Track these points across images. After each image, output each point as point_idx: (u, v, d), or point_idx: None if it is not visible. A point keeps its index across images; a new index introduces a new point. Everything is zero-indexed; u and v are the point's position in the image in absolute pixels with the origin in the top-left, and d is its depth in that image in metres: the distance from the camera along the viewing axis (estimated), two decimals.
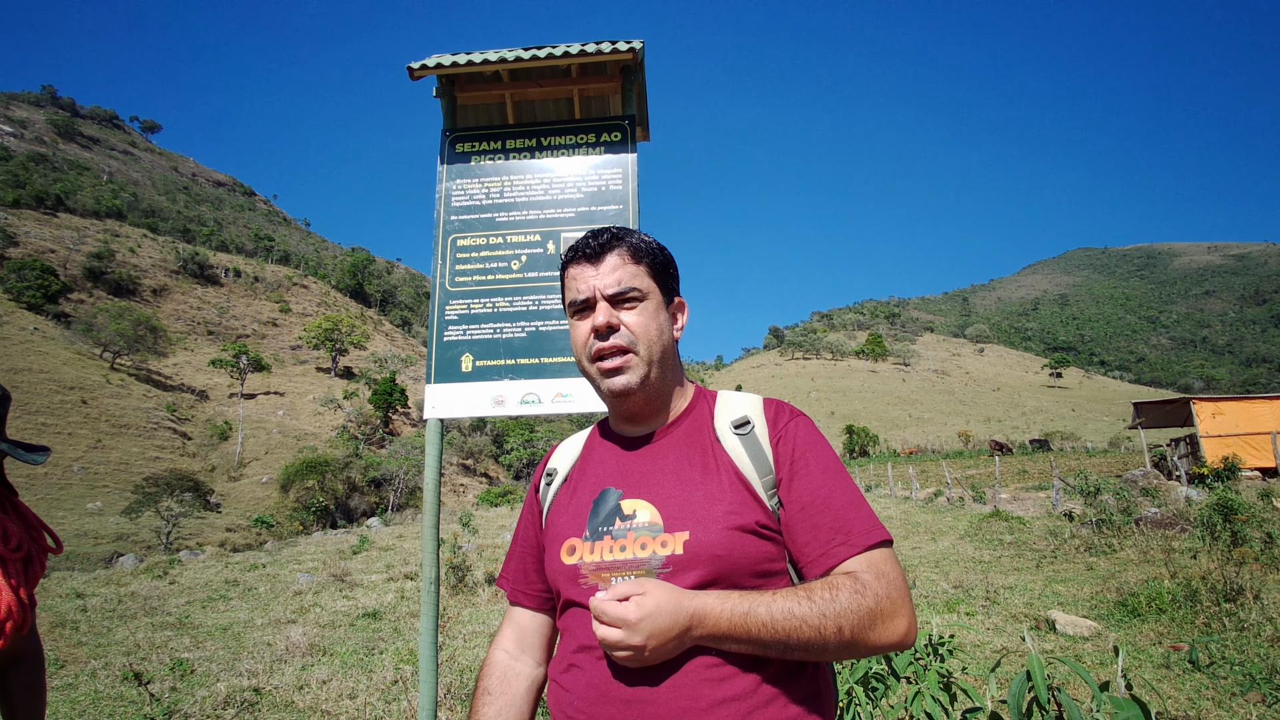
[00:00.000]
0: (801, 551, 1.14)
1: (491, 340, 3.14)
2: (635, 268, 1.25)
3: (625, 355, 1.21)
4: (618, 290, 1.22)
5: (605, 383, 1.22)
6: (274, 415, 70.78)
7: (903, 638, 1.06)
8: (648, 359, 1.22)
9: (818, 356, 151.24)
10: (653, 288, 1.26)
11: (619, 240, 1.26)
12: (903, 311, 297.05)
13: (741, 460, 1.19)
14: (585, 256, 1.25)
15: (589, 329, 1.22)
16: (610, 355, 1.21)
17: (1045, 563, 9.47)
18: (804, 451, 1.19)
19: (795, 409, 1.27)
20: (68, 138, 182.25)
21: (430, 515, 2.99)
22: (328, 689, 5.45)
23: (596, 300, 1.23)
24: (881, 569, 1.08)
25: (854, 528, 1.12)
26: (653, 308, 1.25)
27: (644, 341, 1.22)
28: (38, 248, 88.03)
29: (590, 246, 1.25)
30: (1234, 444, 18.53)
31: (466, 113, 3.64)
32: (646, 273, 1.26)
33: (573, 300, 1.25)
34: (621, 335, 1.21)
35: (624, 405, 1.25)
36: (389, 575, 12.36)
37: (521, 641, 1.35)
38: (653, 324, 1.23)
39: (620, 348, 1.20)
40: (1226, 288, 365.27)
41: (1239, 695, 4.33)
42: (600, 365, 1.22)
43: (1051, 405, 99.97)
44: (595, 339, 1.22)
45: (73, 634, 8.21)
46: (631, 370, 1.21)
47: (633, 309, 1.23)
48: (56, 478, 41.48)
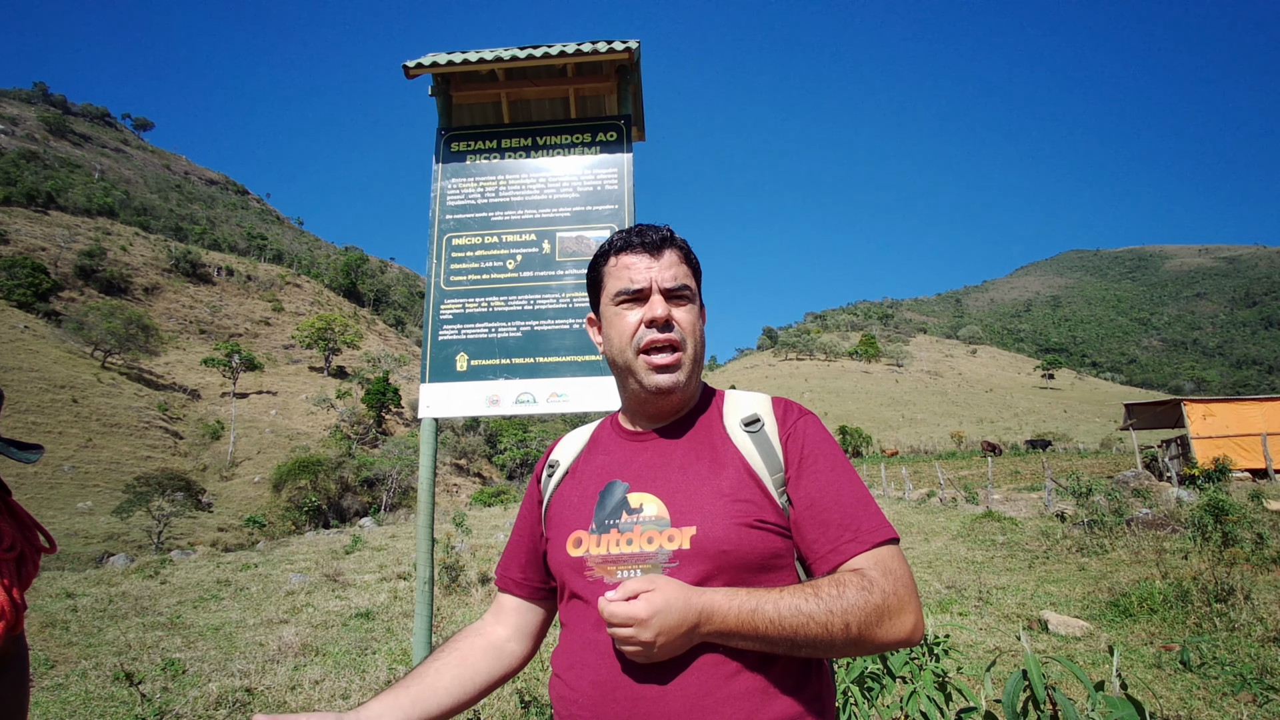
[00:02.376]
0: (810, 548, 1.14)
1: (486, 339, 3.13)
2: (685, 268, 1.27)
3: (676, 353, 1.21)
4: (674, 285, 1.23)
5: (653, 378, 1.21)
6: (266, 415, 70.52)
7: (910, 634, 1.06)
8: (693, 358, 1.23)
9: (811, 357, 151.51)
10: (696, 292, 1.28)
11: (674, 240, 1.28)
12: (896, 312, 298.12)
13: (752, 457, 1.19)
14: (645, 247, 1.24)
15: (639, 320, 1.21)
16: (663, 350, 1.20)
17: (1038, 563, 9.50)
18: (813, 449, 1.19)
19: (804, 408, 1.27)
20: (59, 135, 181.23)
21: (424, 515, 2.98)
22: (320, 689, 5.43)
23: (652, 292, 1.22)
24: (889, 566, 1.08)
25: (862, 525, 1.12)
26: (696, 309, 1.27)
27: (691, 340, 1.23)
28: (28, 246, 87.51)
29: (651, 239, 1.25)
30: (1224, 445, 18.62)
31: (462, 112, 3.63)
32: (691, 275, 1.28)
33: (623, 289, 1.23)
34: (676, 331, 1.21)
35: (660, 402, 1.25)
36: (382, 575, 12.31)
37: (498, 617, 1.36)
38: (699, 324, 1.26)
39: (674, 343, 1.20)
40: (1217, 290, 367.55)
41: (1230, 695, 4.35)
42: (651, 359, 1.21)
43: (1043, 406, 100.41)
44: (649, 330, 1.21)
45: (63, 634, 8.16)
46: (681, 369, 1.21)
47: (683, 306, 1.24)
48: (47, 477, 41.25)
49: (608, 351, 1.27)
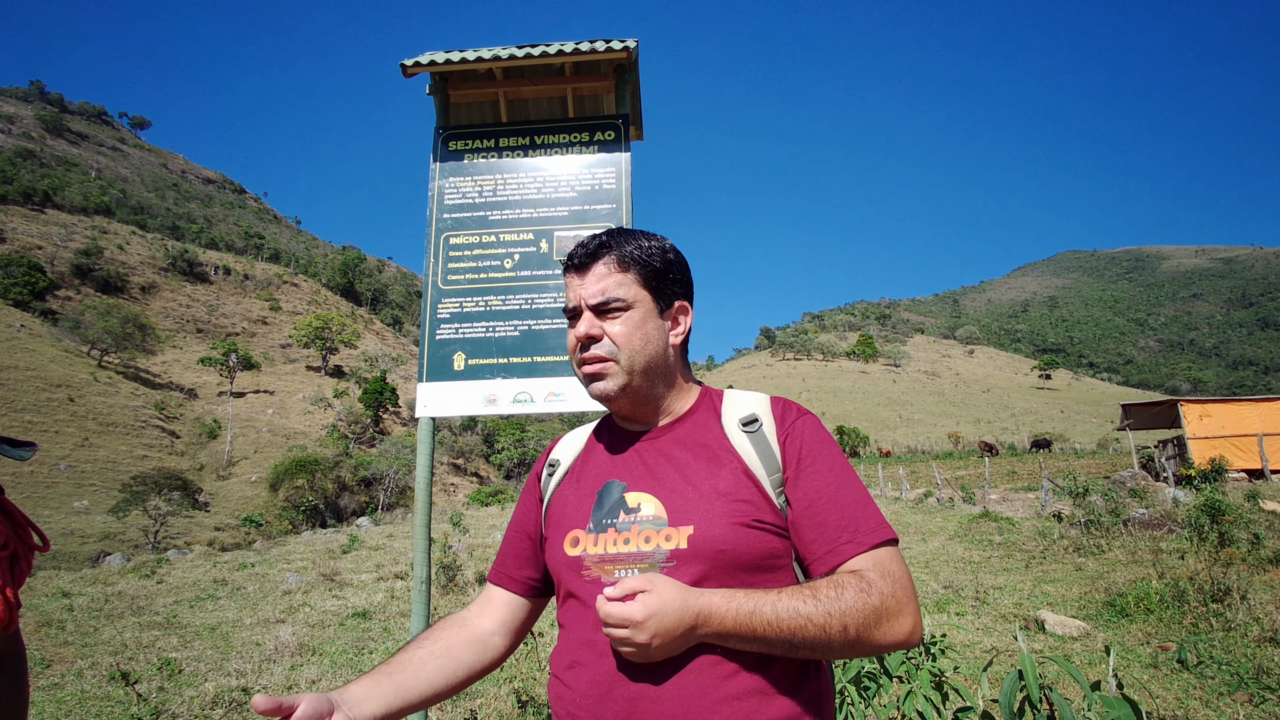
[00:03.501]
0: (808, 549, 1.14)
1: (484, 339, 3.13)
2: (622, 276, 1.25)
3: (604, 363, 1.22)
4: (600, 301, 1.23)
5: (587, 388, 1.26)
6: (263, 414, 70.43)
7: (908, 636, 1.06)
8: (629, 368, 1.22)
9: (809, 357, 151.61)
10: (641, 296, 1.25)
11: (607, 249, 1.26)
12: (893, 313, 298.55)
13: (750, 457, 1.19)
14: (573, 266, 1.28)
15: (575, 337, 1.25)
16: (590, 363, 1.23)
17: (1034, 563, 9.52)
18: (811, 449, 1.19)
19: (802, 408, 1.27)
20: (56, 134, 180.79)
21: (422, 514, 2.98)
22: (317, 689, 5.41)
23: (582, 310, 1.25)
24: (887, 567, 1.08)
25: (860, 525, 1.12)
26: (638, 317, 1.24)
27: (626, 351, 1.22)
28: (25, 244, 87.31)
29: (577, 256, 1.27)
30: (1221, 446, 18.66)
31: (460, 111, 3.62)
32: (636, 280, 1.25)
33: (565, 308, 1.28)
34: (602, 345, 1.22)
35: (610, 407, 1.30)
36: (379, 575, 12.30)
37: (484, 609, 1.36)
38: (637, 333, 1.23)
39: (599, 357, 1.22)
40: (1214, 291, 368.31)
41: (1226, 695, 4.36)
42: (582, 371, 1.25)
43: (1040, 407, 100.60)
44: (579, 348, 1.25)
45: (59, 633, 8.14)
46: (610, 378, 1.22)
47: (616, 319, 1.23)
48: (43, 476, 41.17)
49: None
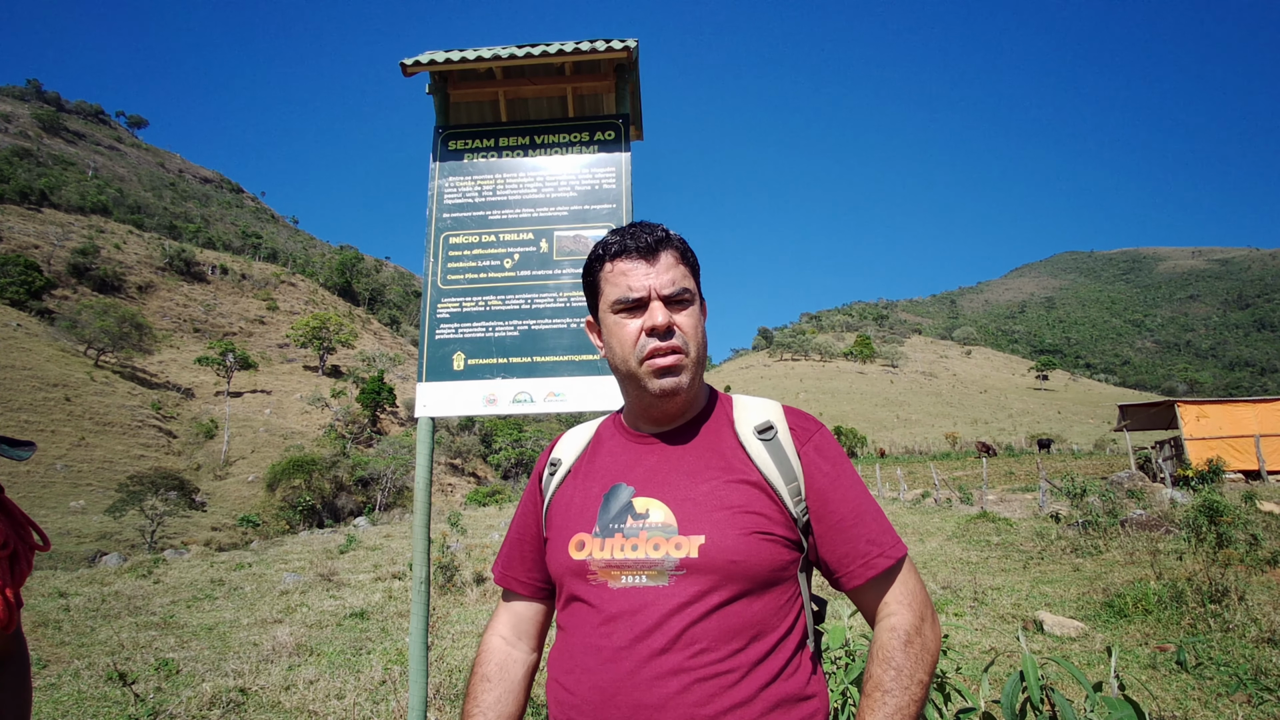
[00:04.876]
0: (841, 563, 1.18)
1: (483, 339, 3.12)
2: (684, 269, 1.24)
3: (680, 355, 1.19)
4: (673, 291, 1.20)
5: (656, 383, 1.19)
6: (260, 414, 70.28)
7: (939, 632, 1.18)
8: (696, 361, 1.21)
9: (806, 358, 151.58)
10: (695, 291, 1.25)
11: (670, 240, 1.24)
12: (891, 313, 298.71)
13: (766, 465, 1.19)
14: (640, 252, 1.21)
15: (640, 328, 1.19)
16: (665, 353, 1.18)
17: (1032, 564, 9.53)
18: (834, 465, 1.21)
19: (816, 419, 1.28)
20: (52, 132, 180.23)
21: (421, 514, 2.97)
22: (315, 689, 5.41)
23: (651, 299, 1.19)
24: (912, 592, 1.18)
25: (885, 540, 1.18)
26: (697, 311, 1.24)
27: (694, 344, 1.21)
28: (21, 243, 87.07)
29: (645, 242, 1.21)
30: (1218, 446, 18.69)
31: (459, 110, 3.62)
32: (690, 275, 1.25)
33: (622, 298, 1.20)
34: (677, 337, 1.19)
35: (665, 405, 1.23)
36: (376, 575, 12.28)
37: (517, 628, 1.35)
38: (700, 326, 1.24)
39: (676, 348, 1.18)
40: (1210, 292, 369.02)
41: (1225, 696, 4.36)
42: (654, 364, 1.18)
43: (1038, 407, 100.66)
44: (649, 338, 1.19)
45: (55, 633, 8.11)
46: (684, 371, 1.19)
47: (683, 310, 1.21)
48: (39, 476, 41.04)
49: (611, 359, 1.26)
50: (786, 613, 1.14)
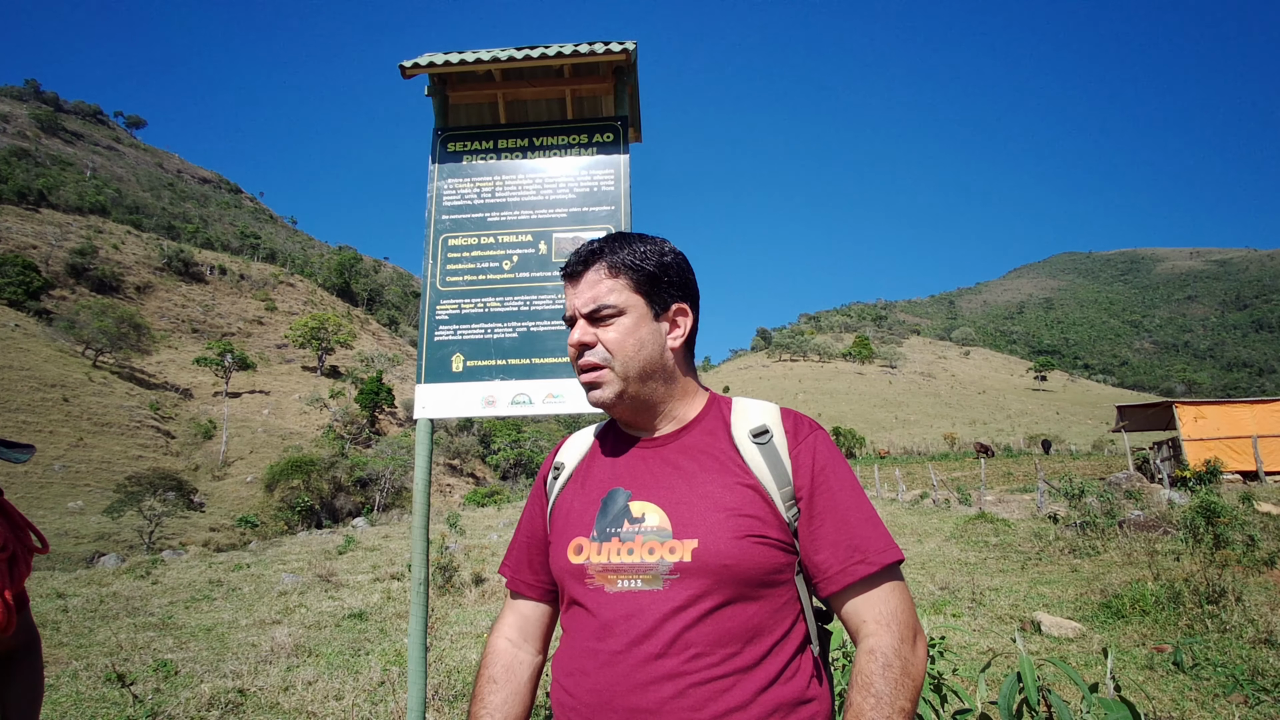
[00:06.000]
0: (819, 569, 1.16)
1: (482, 340, 3.13)
2: (613, 282, 1.25)
3: (599, 371, 1.23)
4: (592, 309, 1.24)
5: (586, 395, 1.27)
6: (259, 414, 70.22)
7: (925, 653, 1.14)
8: (624, 374, 1.23)
9: (805, 358, 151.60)
10: (634, 301, 1.25)
11: (598, 255, 1.26)
12: (889, 314, 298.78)
13: (760, 469, 1.19)
14: (567, 275, 1.30)
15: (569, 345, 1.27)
16: (586, 370, 1.25)
17: (1030, 564, 9.53)
18: (824, 467, 1.20)
19: (813, 421, 1.28)
20: (51, 133, 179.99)
21: (420, 515, 2.97)
22: (313, 690, 5.41)
23: (576, 318, 1.26)
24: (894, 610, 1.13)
25: (870, 546, 1.15)
26: (630, 322, 1.24)
27: (619, 357, 1.22)
28: (19, 243, 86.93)
29: (570, 265, 1.29)
30: (1216, 447, 18.72)
31: (458, 112, 3.62)
32: (628, 286, 1.25)
33: (567, 318, 1.30)
34: (595, 353, 1.23)
35: (611, 414, 1.31)
36: (375, 576, 12.27)
37: (524, 630, 1.37)
38: (629, 339, 1.23)
39: (593, 364, 1.24)
40: (1208, 293, 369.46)
41: (1222, 696, 4.37)
42: (580, 379, 1.27)
43: (1036, 408, 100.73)
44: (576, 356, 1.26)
45: (54, 634, 8.10)
46: (606, 386, 1.23)
47: (609, 325, 1.23)
48: (37, 476, 40.97)
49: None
50: (784, 616, 1.15)
